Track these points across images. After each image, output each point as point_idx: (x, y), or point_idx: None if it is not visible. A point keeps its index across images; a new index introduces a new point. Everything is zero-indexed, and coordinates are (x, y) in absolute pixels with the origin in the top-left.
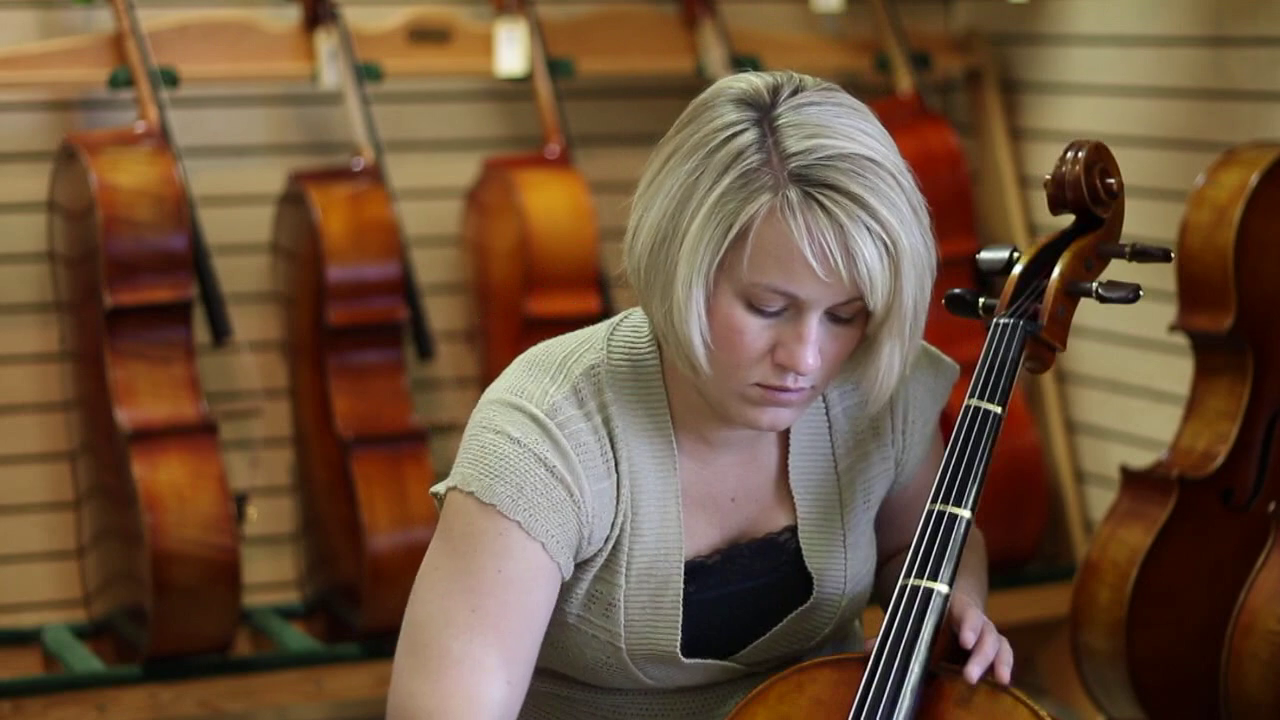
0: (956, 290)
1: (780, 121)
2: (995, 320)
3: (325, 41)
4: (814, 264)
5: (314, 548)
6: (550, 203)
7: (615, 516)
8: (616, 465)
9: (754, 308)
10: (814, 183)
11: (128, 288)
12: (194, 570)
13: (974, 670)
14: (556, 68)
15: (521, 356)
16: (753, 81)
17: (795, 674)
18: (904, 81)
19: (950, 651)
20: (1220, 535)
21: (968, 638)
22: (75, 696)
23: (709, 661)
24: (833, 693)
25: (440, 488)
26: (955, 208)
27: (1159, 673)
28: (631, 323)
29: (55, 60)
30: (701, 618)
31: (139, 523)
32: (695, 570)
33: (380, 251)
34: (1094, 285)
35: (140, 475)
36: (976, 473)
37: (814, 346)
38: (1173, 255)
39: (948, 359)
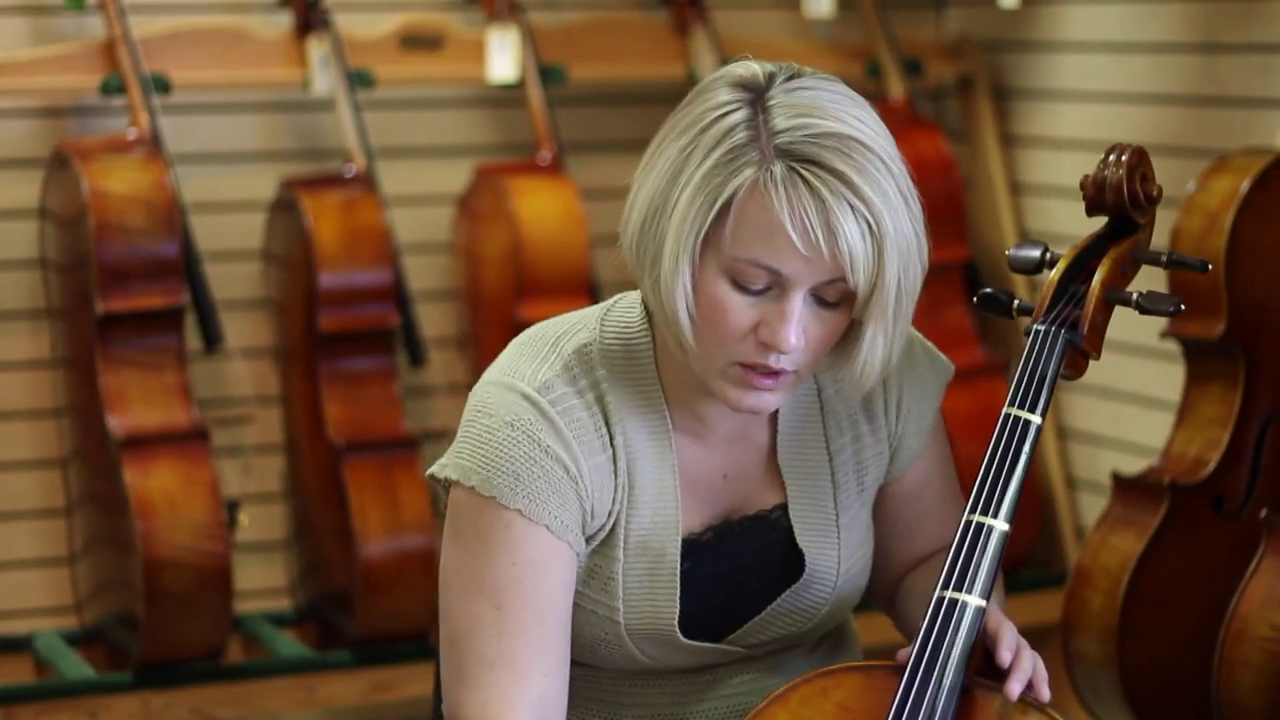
0: (989, 290)
1: (772, 102)
2: (1034, 327)
3: (317, 48)
4: (795, 238)
5: (306, 554)
6: (542, 209)
7: (614, 491)
8: (611, 440)
9: (739, 285)
10: (799, 158)
11: (119, 294)
12: (186, 577)
13: (1014, 687)
14: (548, 74)
15: (517, 338)
16: (751, 67)
17: (820, 677)
18: (896, 88)
19: (985, 667)
20: (1212, 542)
21: (1004, 656)
22: (67, 704)
23: (705, 644)
24: (860, 700)
25: (437, 469)
26: (947, 214)
27: (1151, 679)
28: (625, 304)
29: (47, 67)
30: (697, 596)
31: (131, 529)
32: (689, 547)
33: (372, 258)
34: (1134, 295)
35: (132, 482)
36: (1012, 483)
37: (797, 326)
38: (1210, 267)
39: (943, 357)
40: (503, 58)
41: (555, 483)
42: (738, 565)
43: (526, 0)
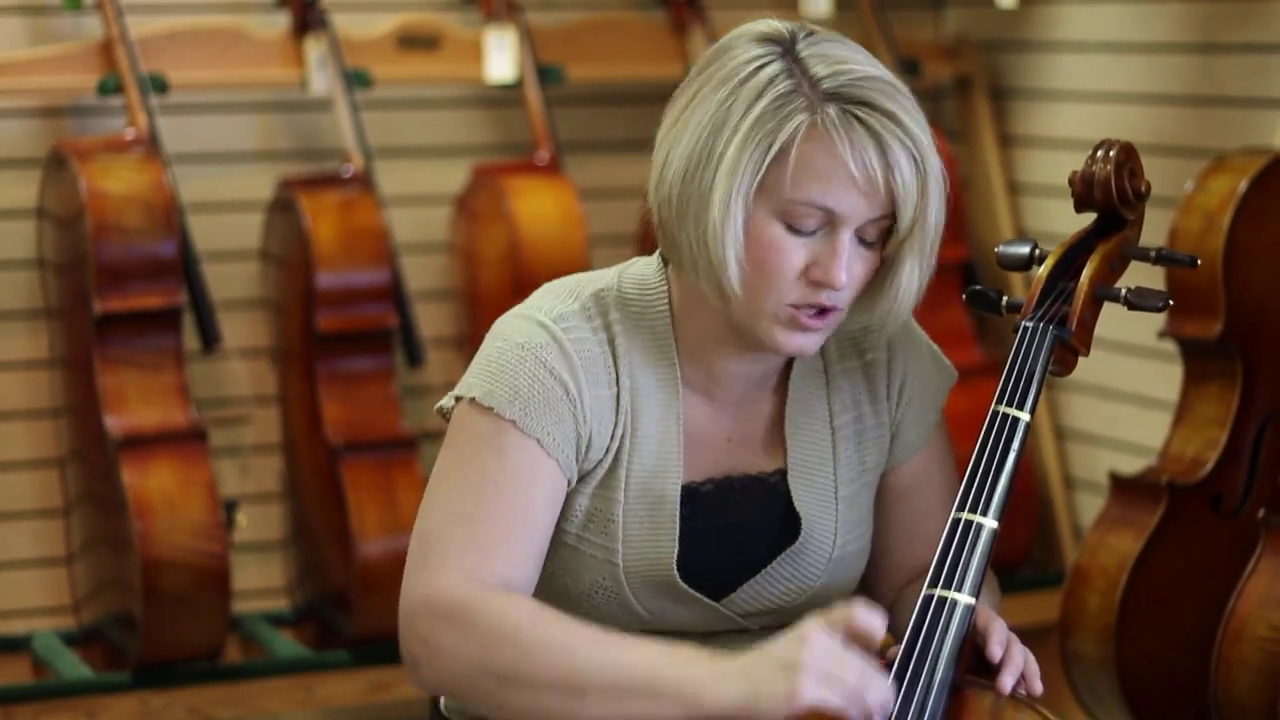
0: (978, 287)
1: (804, 54)
2: (1021, 324)
3: (314, 48)
4: (856, 176)
5: (304, 554)
6: (540, 209)
7: (615, 427)
8: (618, 379)
9: (792, 228)
10: (849, 100)
11: (117, 294)
12: (184, 577)
13: (1007, 681)
14: (546, 74)
15: (542, 286)
16: (772, 23)
17: None
18: None
19: (975, 664)
20: (1210, 542)
21: (995, 651)
22: (65, 704)
23: (703, 599)
24: None
25: (446, 400)
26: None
27: (1148, 679)
28: (642, 263)
29: (44, 67)
30: (696, 545)
31: (128, 529)
32: (689, 495)
33: (370, 258)
34: (1122, 291)
35: (130, 482)
36: (1001, 481)
37: (847, 263)
38: (1199, 262)
39: (949, 362)
40: (500, 58)
41: (553, 402)
42: (736, 521)
43: (524, 0)
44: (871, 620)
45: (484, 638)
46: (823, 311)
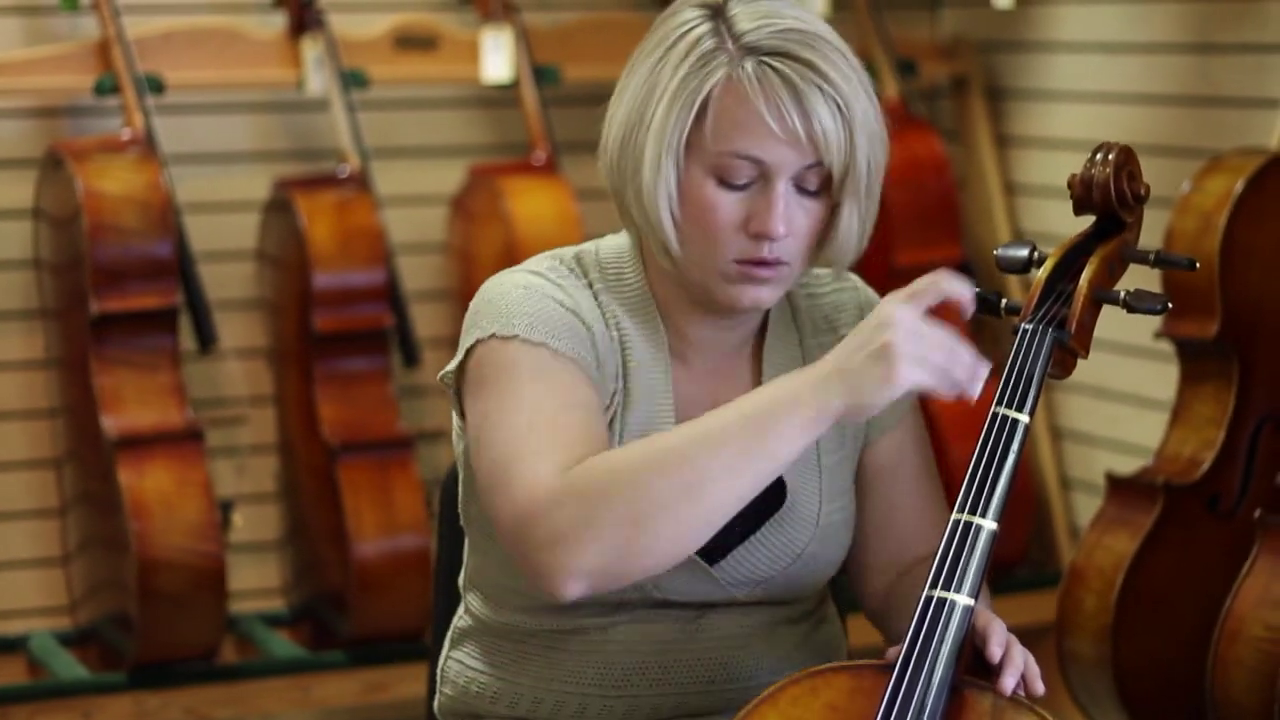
0: (978, 289)
1: (732, 12)
2: (1020, 326)
3: (311, 48)
4: (772, 123)
5: (300, 555)
6: (536, 210)
7: (615, 369)
8: (607, 326)
9: (724, 182)
10: (766, 51)
11: (114, 294)
12: (180, 577)
13: (1008, 682)
14: (542, 74)
15: None
16: None
17: (808, 678)
18: (890, 88)
19: (974, 666)
20: (1206, 542)
21: (994, 652)
22: (61, 704)
23: (700, 562)
24: (849, 701)
25: (451, 365)
26: (941, 215)
27: (1145, 679)
28: (616, 236)
29: (41, 67)
30: None
31: (125, 530)
32: None
33: (366, 258)
34: (1122, 294)
35: (126, 482)
36: (1001, 482)
37: (784, 212)
38: (1197, 264)
39: None
40: (497, 58)
41: (572, 328)
42: None
43: (520, 0)
44: (957, 287)
45: (605, 482)
46: (770, 263)
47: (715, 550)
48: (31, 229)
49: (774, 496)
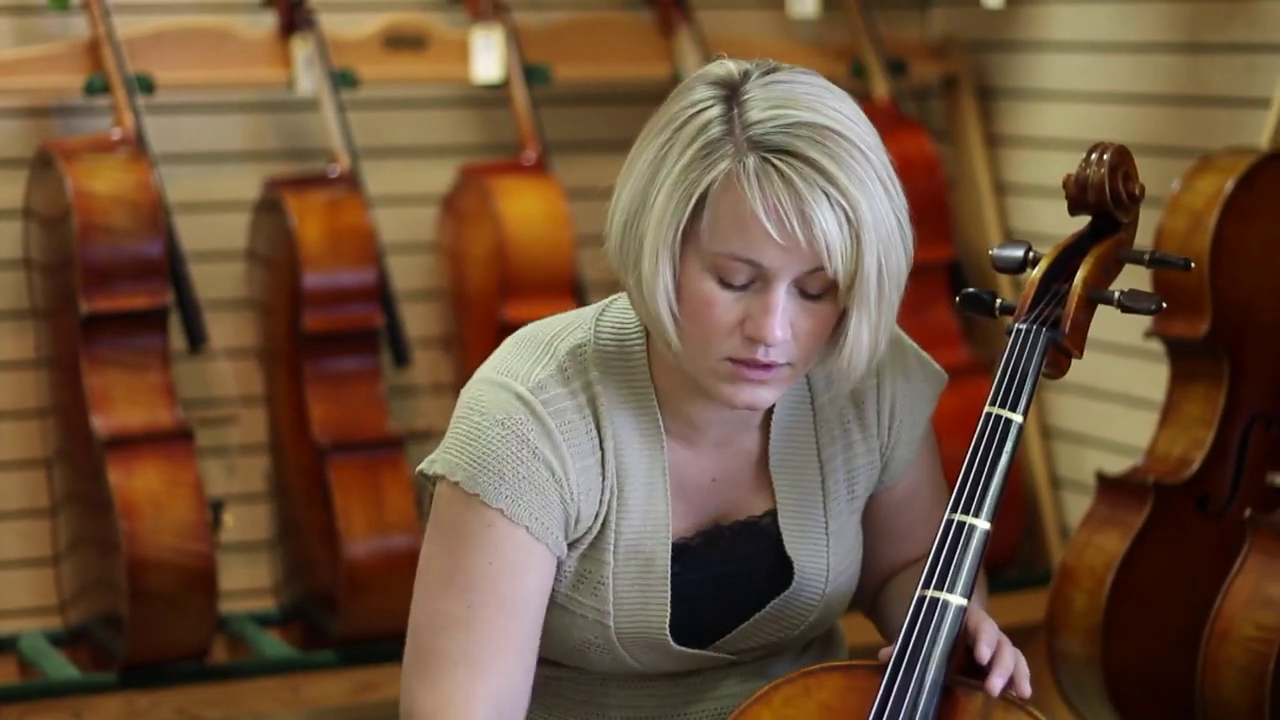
0: (971, 290)
1: (747, 96)
2: (1015, 326)
3: (301, 48)
4: (770, 228)
5: (290, 555)
6: (527, 209)
7: (602, 494)
8: (601, 442)
9: (722, 281)
10: (771, 148)
11: (104, 294)
12: (170, 577)
13: (996, 682)
14: (533, 74)
15: (511, 336)
16: (727, 65)
17: (802, 677)
18: (880, 88)
19: (966, 666)
20: (1196, 541)
21: (984, 652)
22: (51, 704)
23: (695, 651)
24: (842, 701)
25: (425, 465)
26: (931, 214)
27: (1135, 679)
28: (620, 305)
29: (31, 67)
30: (686, 599)
31: (115, 530)
32: (678, 551)
33: (356, 258)
34: (1115, 294)
35: (116, 482)
36: (995, 483)
37: (781, 317)
38: (1192, 265)
39: (936, 365)
40: (487, 58)
41: (540, 485)
42: (727, 571)
43: (510, 0)
44: None
45: None
46: (766, 365)
47: (715, 634)
48: (21, 229)
49: (781, 575)
